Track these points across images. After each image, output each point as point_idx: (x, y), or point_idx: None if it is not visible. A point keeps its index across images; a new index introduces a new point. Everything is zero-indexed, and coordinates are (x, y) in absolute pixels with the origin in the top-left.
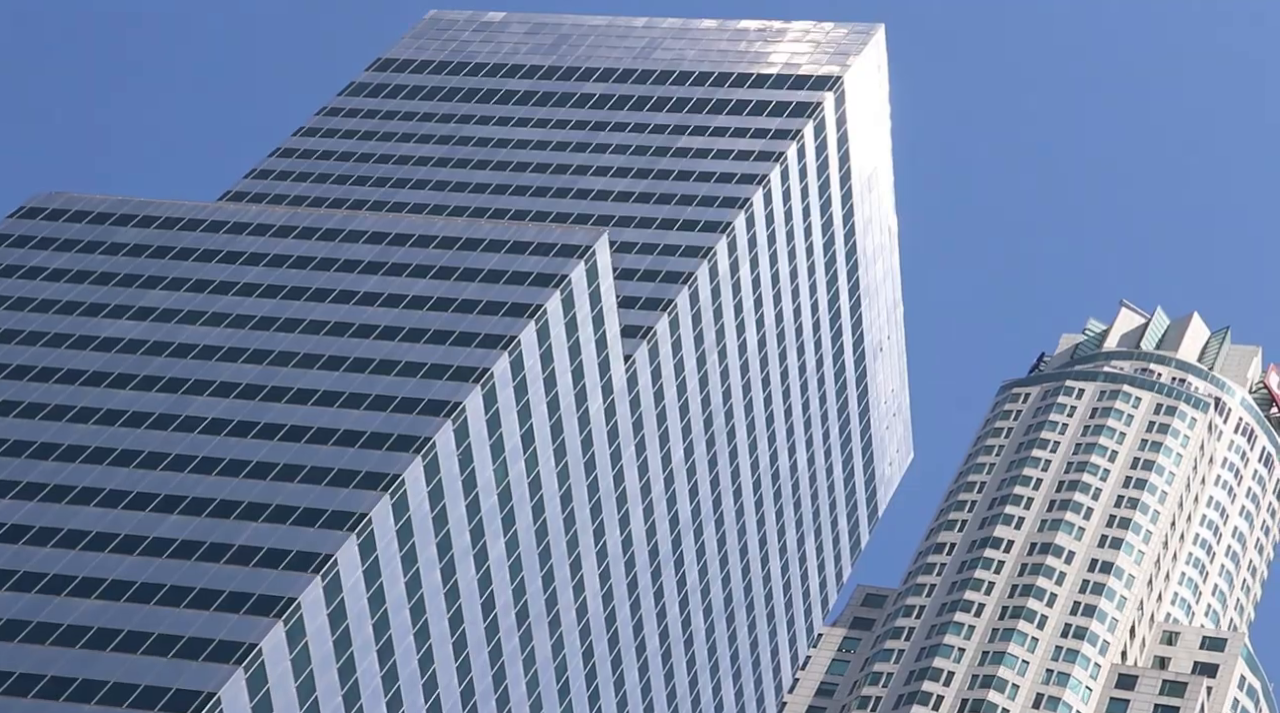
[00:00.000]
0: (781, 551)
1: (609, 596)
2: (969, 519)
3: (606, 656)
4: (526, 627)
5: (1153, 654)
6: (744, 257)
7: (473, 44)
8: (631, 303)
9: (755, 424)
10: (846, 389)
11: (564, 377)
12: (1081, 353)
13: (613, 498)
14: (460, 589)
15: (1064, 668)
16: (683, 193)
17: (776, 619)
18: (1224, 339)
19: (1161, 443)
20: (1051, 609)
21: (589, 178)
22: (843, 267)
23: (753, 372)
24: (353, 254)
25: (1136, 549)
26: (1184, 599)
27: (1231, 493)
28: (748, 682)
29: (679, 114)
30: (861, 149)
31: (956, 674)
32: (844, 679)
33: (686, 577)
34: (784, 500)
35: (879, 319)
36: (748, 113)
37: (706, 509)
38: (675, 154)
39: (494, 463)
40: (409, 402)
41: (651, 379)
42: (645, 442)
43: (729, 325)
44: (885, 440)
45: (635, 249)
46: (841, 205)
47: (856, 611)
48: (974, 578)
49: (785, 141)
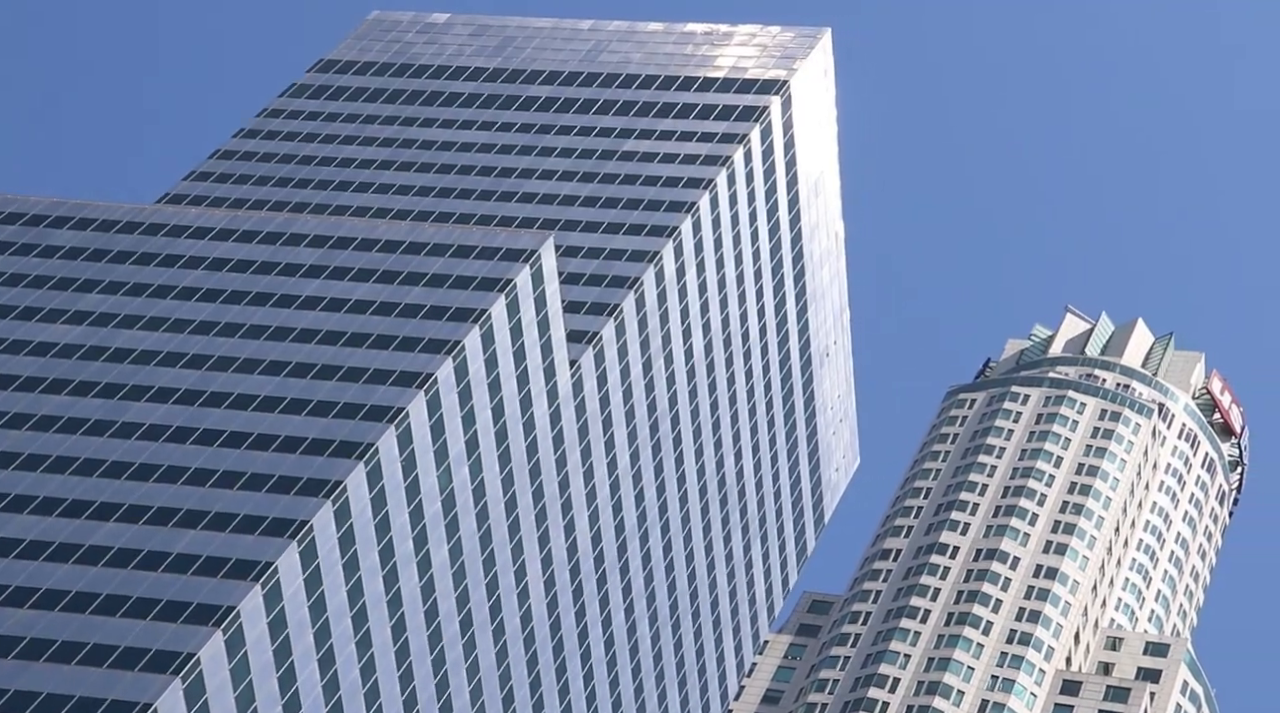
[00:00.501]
0: (727, 557)
1: (554, 603)
2: (915, 525)
3: (551, 663)
4: (470, 635)
5: (1097, 660)
6: (690, 261)
7: (416, 46)
8: (577, 308)
9: (701, 430)
10: (793, 395)
11: (509, 382)
12: (1027, 359)
13: (557, 504)
14: (403, 597)
15: (1009, 674)
16: (629, 197)
17: (722, 626)
18: (1168, 345)
19: (1106, 449)
20: (997, 615)
21: (534, 181)
22: (789, 271)
23: (699, 377)
24: (294, 258)
25: (1081, 555)
26: (1128, 605)
27: (1175, 499)
28: (693, 689)
29: (625, 117)
30: (808, 153)
31: (902, 681)
32: (790, 687)
33: (632, 584)
34: (730, 507)
35: (825, 324)
36: (694, 117)
37: (652, 516)
38: (621, 158)
39: (438, 469)
40: (352, 407)
41: (597, 385)
42: (590, 448)
43: (675, 330)
44: (832, 446)
45: (581, 253)
46: (788, 210)
47: (803, 617)
48: (920, 584)
49: (732, 145)
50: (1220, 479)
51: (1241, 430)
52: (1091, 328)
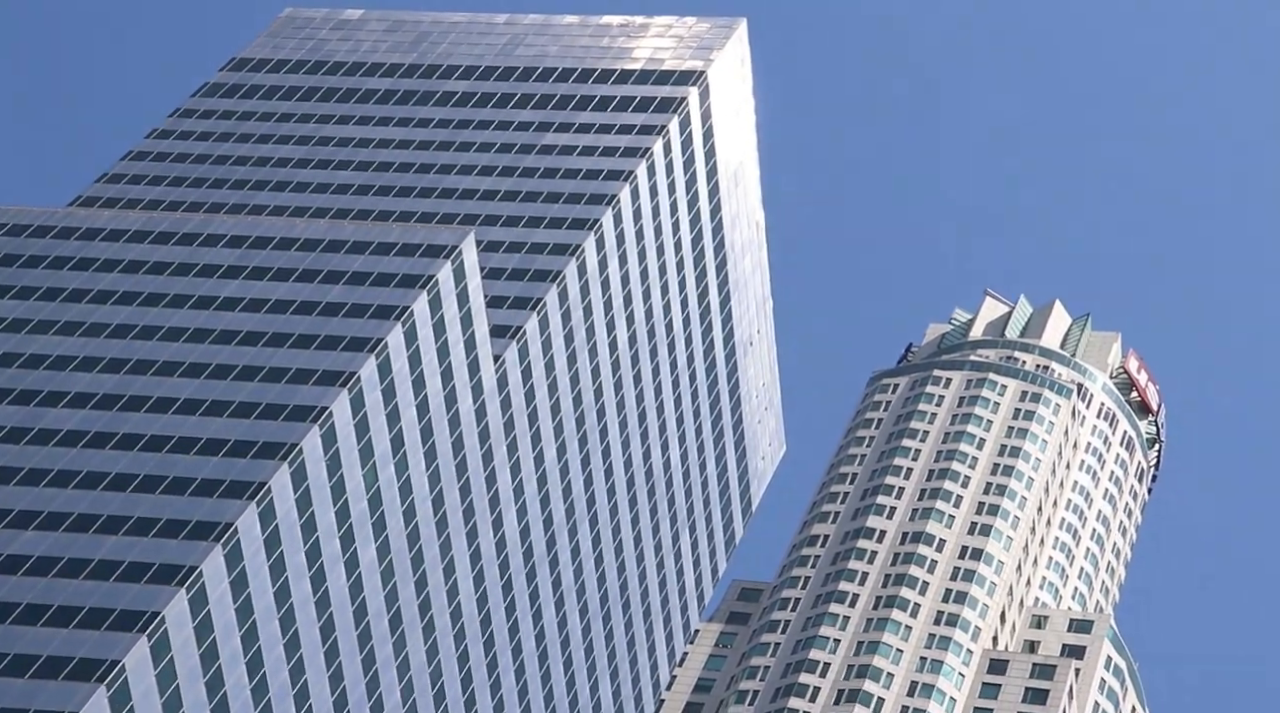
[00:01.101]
0: (656, 547)
1: (483, 599)
2: (841, 511)
3: (482, 659)
4: (400, 633)
5: (1022, 639)
6: (612, 253)
7: (330, 42)
8: (500, 303)
9: (627, 422)
10: (718, 384)
11: (433, 379)
12: (948, 343)
13: (485, 500)
14: (331, 597)
15: (937, 655)
16: (549, 190)
17: (653, 617)
18: (1085, 326)
19: (1027, 430)
20: (924, 597)
21: (454, 177)
22: (711, 262)
23: (624, 369)
24: (212, 258)
25: (1005, 535)
26: (1051, 583)
27: (1095, 477)
28: (625, 681)
29: (543, 111)
30: (727, 144)
31: (833, 665)
32: (721, 675)
33: (562, 577)
34: (658, 497)
35: (748, 313)
36: (612, 109)
37: (580, 509)
38: (540, 152)
39: (363, 468)
40: (274, 408)
41: (522, 379)
42: (517, 442)
43: (599, 323)
44: (757, 434)
45: (502, 248)
46: (709, 200)
47: (732, 605)
48: (847, 569)
49: (651, 137)
50: (1139, 456)
51: (1158, 408)
52: (1010, 311)
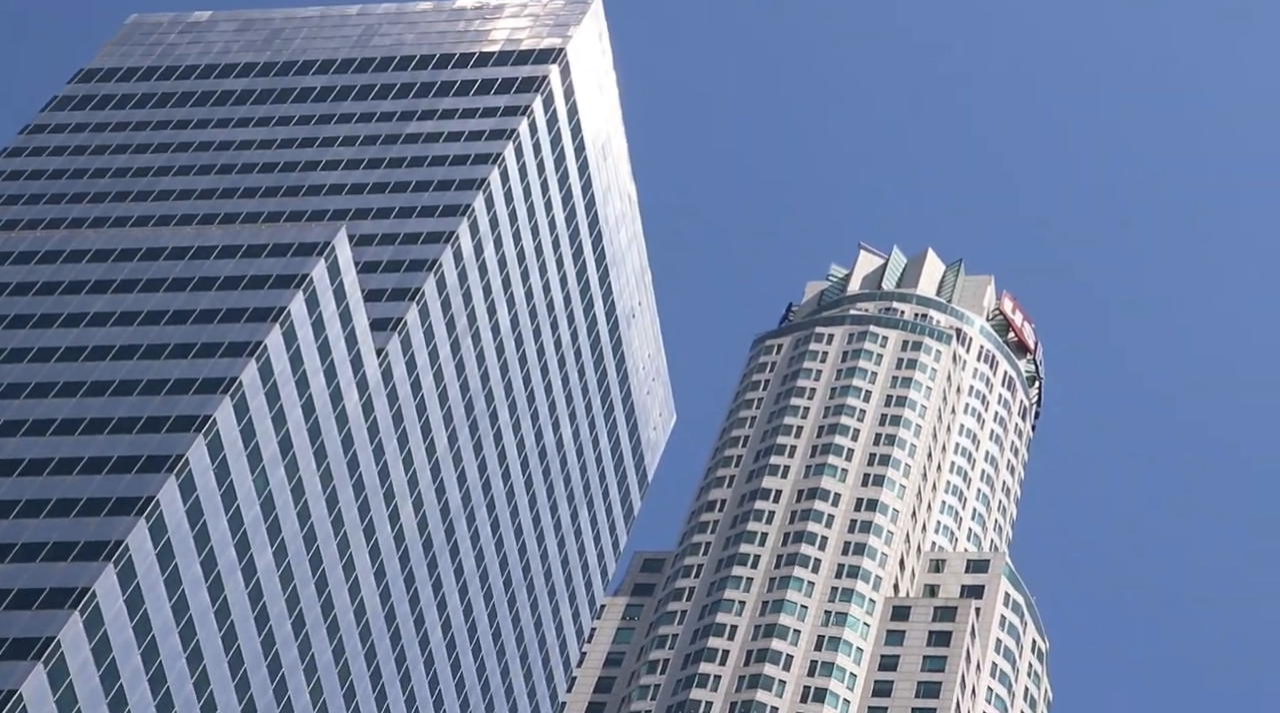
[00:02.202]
0: (556, 526)
1: (386, 593)
2: (736, 474)
3: (390, 654)
4: (304, 635)
5: (922, 584)
6: (487, 238)
7: (180, 46)
8: (378, 296)
9: (516, 404)
10: (603, 359)
11: (316, 378)
12: (827, 299)
13: (380, 495)
14: (230, 606)
15: (841, 608)
16: (418, 179)
17: (558, 596)
18: (958, 272)
19: (911, 379)
20: (824, 553)
21: (319, 173)
22: (587, 237)
23: (508, 352)
24: (77, 275)
25: (898, 484)
26: (947, 527)
27: (980, 419)
28: (535, 662)
29: (405, 100)
30: (592, 119)
31: (740, 628)
32: (630, 647)
33: (464, 565)
34: (553, 477)
35: (628, 286)
36: (474, 93)
37: (476, 495)
38: (406, 141)
39: (252, 473)
40: (155, 421)
41: (407, 370)
42: (407, 434)
43: (479, 308)
44: (647, 405)
45: (376, 241)
46: (579, 176)
47: (636, 577)
48: (747, 531)
49: (515, 118)
50: (1020, 395)
51: (1035, 346)
52: (885, 262)
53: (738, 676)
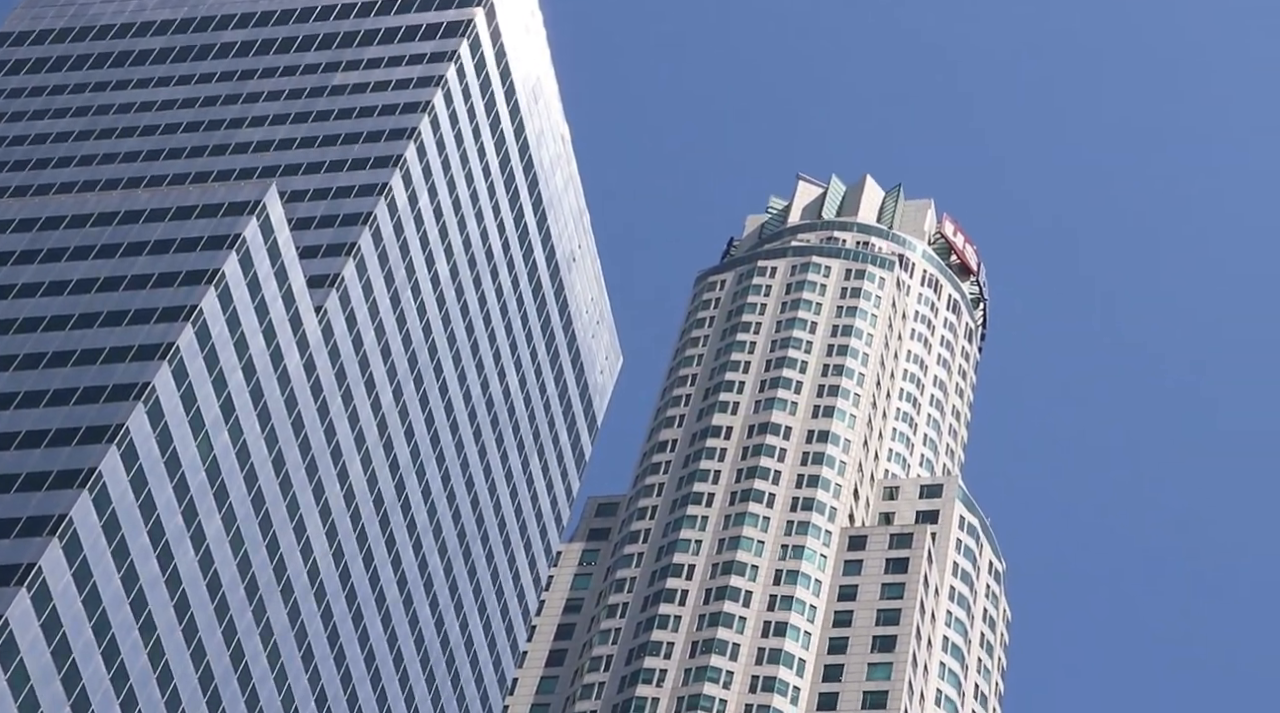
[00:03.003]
0: (507, 476)
1: (339, 553)
2: (686, 413)
3: (346, 613)
4: (258, 599)
5: (877, 512)
6: (421, 187)
7: (94, 6)
8: (313, 252)
9: (461, 354)
10: (546, 304)
11: (255, 339)
12: (768, 231)
13: (327, 454)
14: (181, 574)
15: (798, 541)
16: (347, 132)
17: (513, 546)
18: (898, 197)
19: (856, 307)
20: (778, 487)
21: (246, 130)
22: (522, 182)
23: (449, 302)
24: (2, 246)
25: (848, 414)
26: (899, 454)
27: (927, 344)
28: (494, 613)
29: (329, 51)
30: (520, 60)
31: (697, 566)
32: (589, 593)
33: (416, 519)
34: (502, 426)
35: (567, 229)
36: (399, 40)
37: (425, 449)
38: (332, 93)
39: (196, 439)
40: (93, 391)
41: (347, 326)
42: (351, 391)
43: (417, 259)
44: (593, 349)
45: (308, 197)
46: (511, 120)
47: (591, 523)
48: (699, 470)
49: (443, 64)
50: (966, 317)
51: (978, 267)
52: (824, 192)
53: (697, 615)
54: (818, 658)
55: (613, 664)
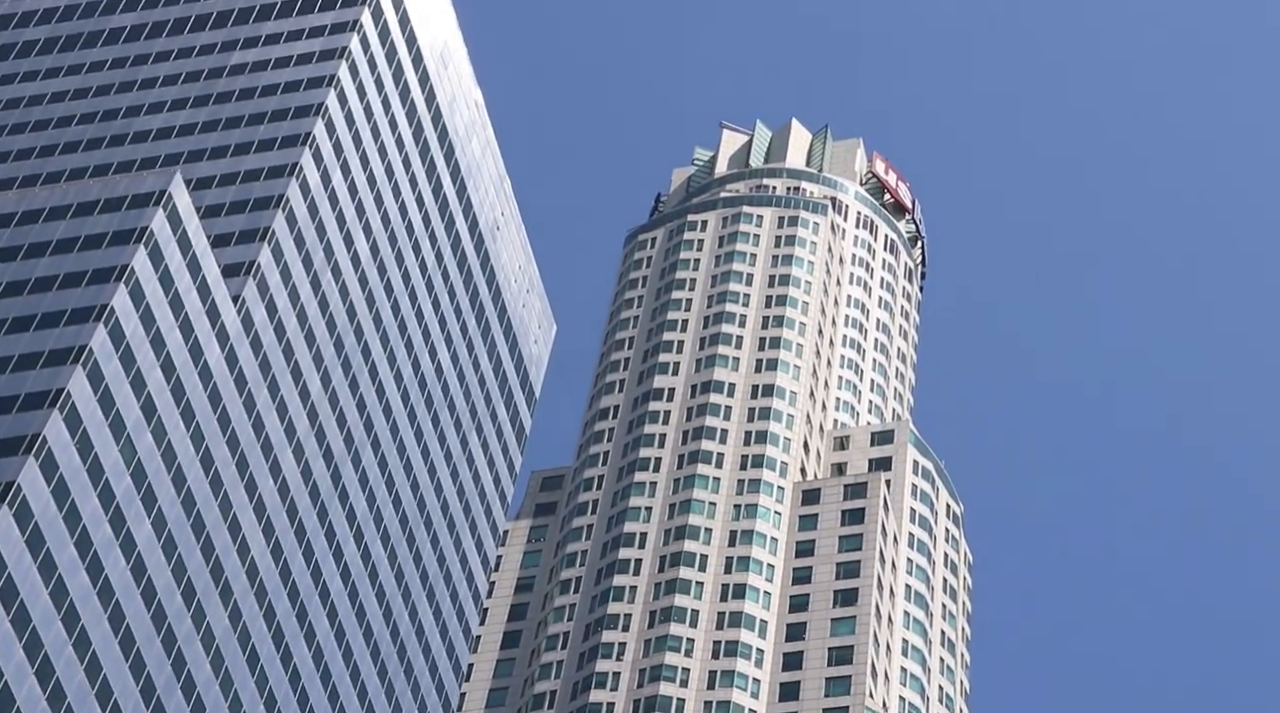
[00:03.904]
0: (447, 456)
1: (278, 549)
2: (626, 378)
3: (290, 612)
4: (196, 604)
5: (829, 463)
6: (333, 165)
7: None
8: (226, 240)
9: (388, 335)
10: (473, 276)
11: (172, 335)
12: (696, 184)
13: (257, 448)
14: (114, 585)
15: (750, 500)
16: (251, 113)
17: (458, 528)
18: (825, 139)
19: (791, 256)
20: (726, 446)
21: (144, 118)
22: (438, 151)
23: (372, 281)
24: None
25: (792, 366)
26: (847, 403)
27: (866, 287)
28: (443, 598)
29: (224, 30)
30: (426, 26)
31: (649, 534)
32: (540, 569)
33: (355, 508)
34: (437, 406)
35: (488, 197)
36: (298, 13)
37: (359, 435)
38: (232, 73)
39: (118, 444)
40: (4, 401)
41: (268, 315)
42: (278, 381)
43: (335, 240)
44: (525, 319)
45: (215, 183)
46: (421, 88)
47: (537, 498)
48: (644, 435)
49: (345, 35)
50: (904, 257)
51: (913, 205)
52: (750, 139)
53: (653, 583)
54: (779, 618)
55: (570, 641)
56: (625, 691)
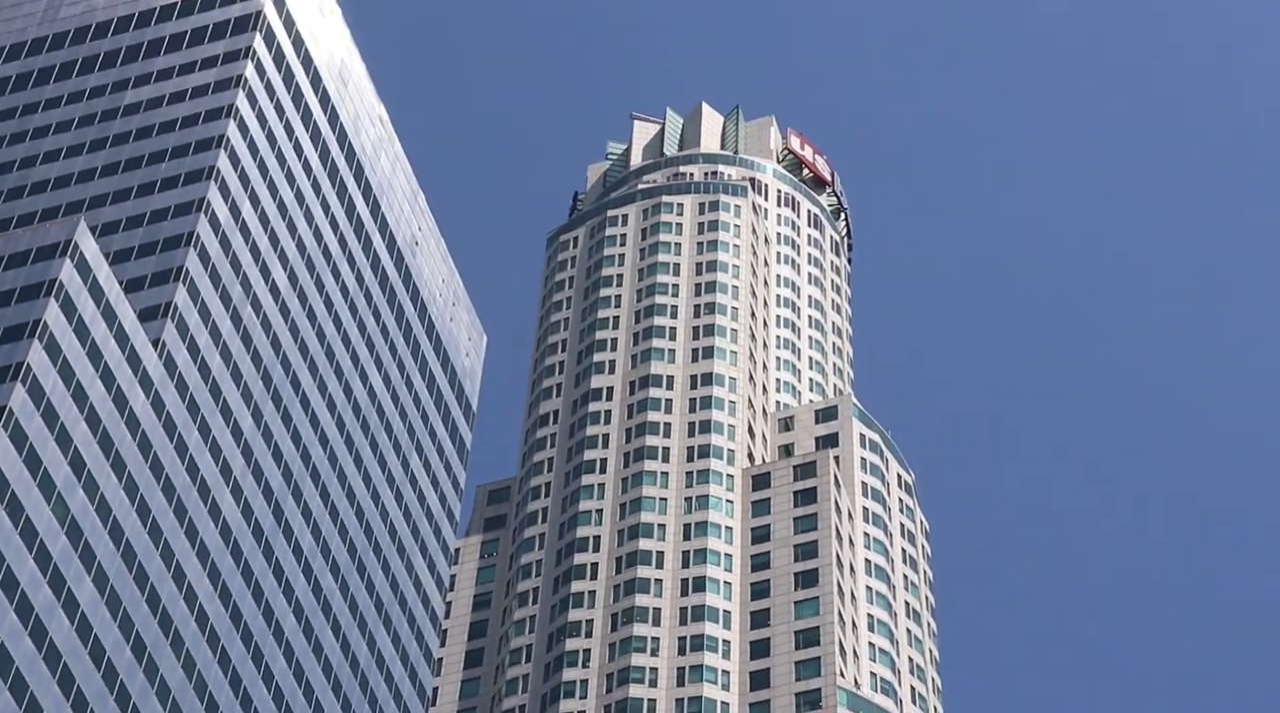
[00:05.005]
0: (389, 480)
1: (225, 593)
2: (563, 382)
3: (245, 654)
4: (148, 658)
5: (776, 446)
6: (241, 197)
7: None
8: (139, 285)
9: (316, 363)
10: (396, 295)
11: (93, 386)
12: (612, 178)
13: (194, 492)
14: (60, 647)
15: (700, 491)
16: (151, 151)
17: (408, 551)
18: (738, 120)
19: (716, 240)
20: (670, 440)
21: (41, 167)
22: (347, 172)
23: (294, 310)
24: None
25: (729, 352)
26: (788, 383)
27: (795, 265)
28: (400, 624)
29: (114, 70)
30: (321, 46)
31: (603, 537)
32: (496, 584)
33: (301, 543)
34: (374, 430)
35: (404, 213)
36: (188, 45)
37: (297, 467)
38: (126, 113)
39: (49, 504)
40: None
41: (190, 356)
42: (208, 422)
43: (251, 272)
44: (454, 333)
45: (122, 227)
46: (322, 110)
47: (485, 512)
48: (587, 437)
49: (240, 63)
50: (829, 230)
51: (832, 177)
52: (662, 127)
53: (612, 586)
54: (742, 607)
55: (534, 654)
56: (595, 697)
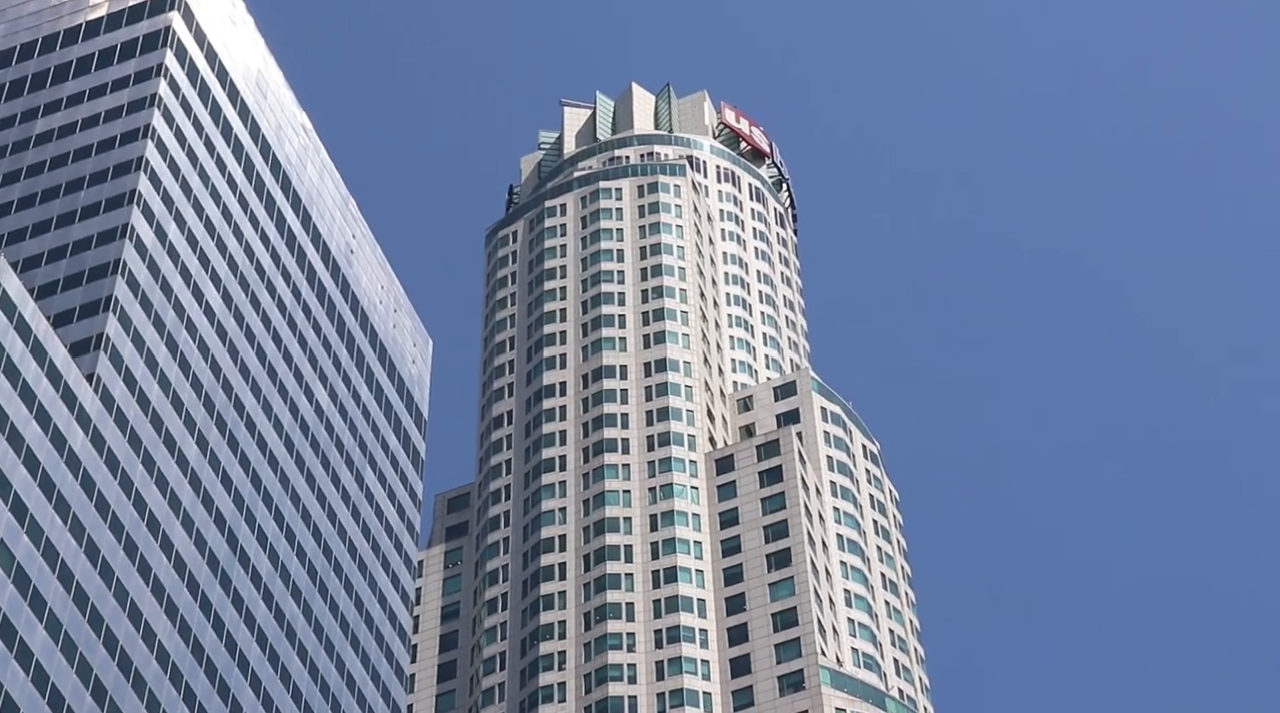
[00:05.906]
0: (344, 497)
1: (184, 627)
2: (515, 381)
3: (210, 690)
4: (109, 702)
5: (737, 426)
6: (166, 219)
7: None
8: (68, 318)
9: (259, 384)
10: (336, 307)
11: (28, 428)
12: (546, 168)
13: (142, 527)
14: (16, 700)
15: (664, 480)
16: (69, 180)
17: (370, 567)
18: (669, 97)
19: (658, 222)
20: (629, 430)
21: None
22: (274, 184)
23: (231, 332)
24: None
25: (681, 335)
26: (743, 362)
27: (740, 241)
28: (368, 643)
29: (21, 99)
30: (235, 57)
31: (569, 535)
32: (463, 593)
33: (259, 568)
34: (324, 447)
35: (336, 222)
36: (97, 68)
37: (248, 492)
38: (39, 142)
39: None
40: None
41: (128, 387)
42: (151, 454)
43: (183, 295)
44: (398, 341)
45: (45, 260)
46: (242, 122)
47: (445, 521)
48: (544, 434)
49: (152, 81)
50: (772, 202)
51: (771, 149)
52: (593, 112)
53: (582, 584)
54: (716, 593)
55: (508, 661)
56: (574, 699)
